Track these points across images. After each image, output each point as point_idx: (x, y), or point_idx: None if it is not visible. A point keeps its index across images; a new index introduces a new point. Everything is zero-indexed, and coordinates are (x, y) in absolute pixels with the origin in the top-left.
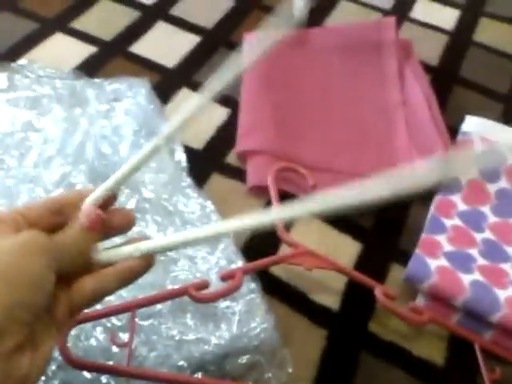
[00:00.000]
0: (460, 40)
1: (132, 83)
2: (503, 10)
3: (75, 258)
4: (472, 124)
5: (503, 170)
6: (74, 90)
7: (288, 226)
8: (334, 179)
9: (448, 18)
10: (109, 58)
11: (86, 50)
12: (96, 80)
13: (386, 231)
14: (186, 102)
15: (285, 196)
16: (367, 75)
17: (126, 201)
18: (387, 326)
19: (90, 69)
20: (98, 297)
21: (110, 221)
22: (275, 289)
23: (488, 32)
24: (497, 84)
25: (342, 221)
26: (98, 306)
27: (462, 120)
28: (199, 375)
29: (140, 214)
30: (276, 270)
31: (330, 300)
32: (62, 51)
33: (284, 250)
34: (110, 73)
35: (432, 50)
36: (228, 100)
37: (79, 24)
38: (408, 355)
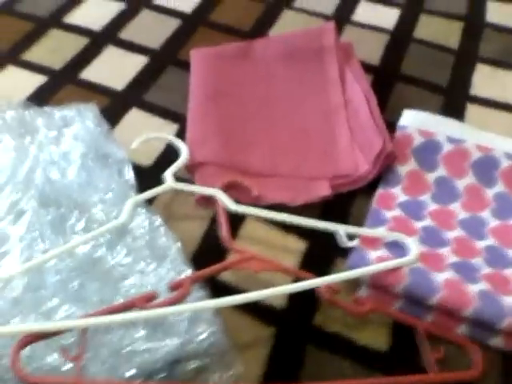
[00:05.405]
0: (400, 38)
1: (80, 109)
2: (442, 5)
3: None
4: (409, 117)
5: (441, 158)
6: (23, 119)
7: (234, 232)
8: (280, 184)
9: (388, 17)
10: (59, 86)
11: (37, 80)
12: (45, 108)
13: None
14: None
15: None
16: (310, 81)
17: (76, 222)
18: (332, 318)
19: (41, 98)
20: None
21: None
22: (225, 294)
23: (428, 28)
24: (437, 77)
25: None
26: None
27: None
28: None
29: None
30: (225, 276)
31: (277, 299)
32: (14, 83)
33: (232, 257)
34: (60, 101)
35: (373, 49)
36: (176, 116)
37: (30, 55)
38: (353, 344)
